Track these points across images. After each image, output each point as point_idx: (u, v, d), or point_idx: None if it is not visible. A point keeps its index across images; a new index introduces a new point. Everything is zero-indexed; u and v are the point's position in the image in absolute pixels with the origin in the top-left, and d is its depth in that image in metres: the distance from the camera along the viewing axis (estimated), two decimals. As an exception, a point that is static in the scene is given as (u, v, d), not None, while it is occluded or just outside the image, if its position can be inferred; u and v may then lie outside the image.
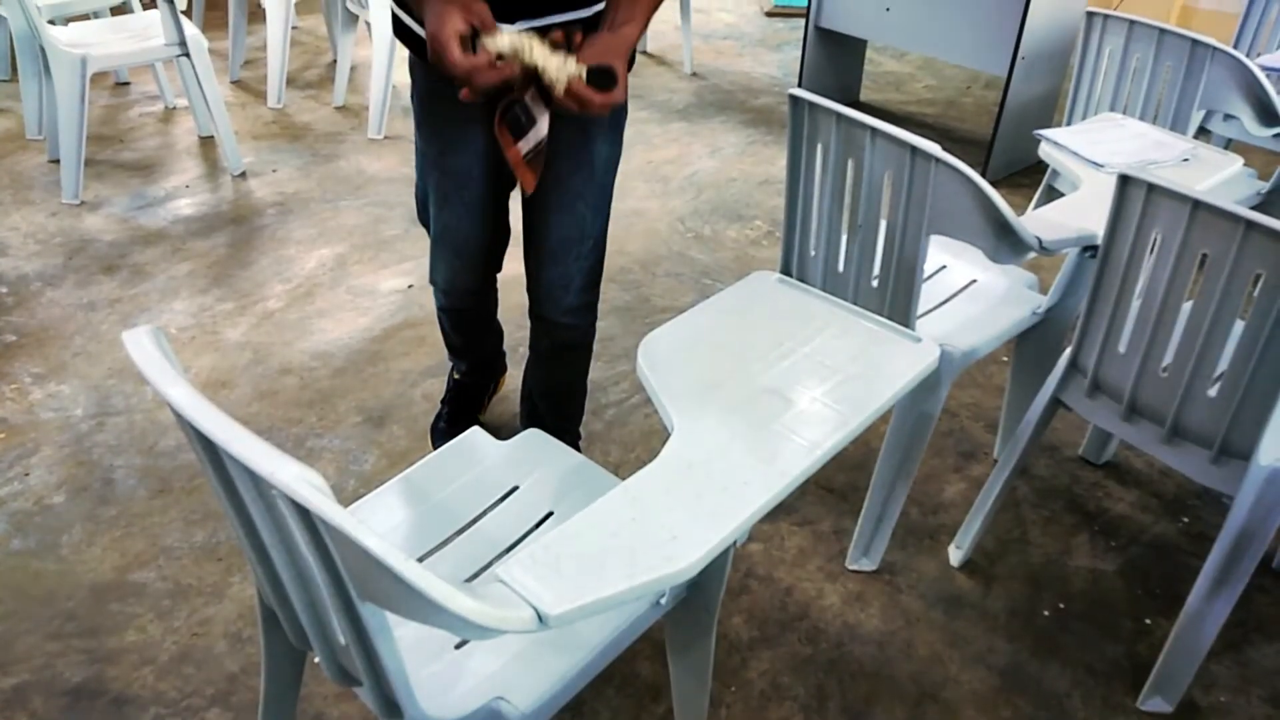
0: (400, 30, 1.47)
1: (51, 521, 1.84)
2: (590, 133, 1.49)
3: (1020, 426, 1.68)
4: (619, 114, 1.54)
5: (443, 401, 2.07)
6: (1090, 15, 2.29)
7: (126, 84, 3.87)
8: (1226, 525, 1.42)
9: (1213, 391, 1.39)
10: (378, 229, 2.90)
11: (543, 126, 1.27)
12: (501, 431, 1.79)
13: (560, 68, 1.17)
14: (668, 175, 3.33)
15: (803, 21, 3.77)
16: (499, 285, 1.83)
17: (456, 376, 2.03)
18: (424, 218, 1.68)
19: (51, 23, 2.91)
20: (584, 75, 1.18)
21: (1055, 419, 1.65)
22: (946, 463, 2.08)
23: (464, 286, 1.74)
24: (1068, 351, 1.59)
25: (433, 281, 1.73)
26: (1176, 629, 1.51)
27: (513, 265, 1.74)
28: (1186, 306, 1.37)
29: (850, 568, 1.80)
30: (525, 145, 1.28)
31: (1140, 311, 1.43)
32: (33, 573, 1.73)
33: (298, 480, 0.76)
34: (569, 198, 1.54)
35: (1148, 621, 1.72)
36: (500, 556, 1.22)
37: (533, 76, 1.19)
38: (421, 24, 1.41)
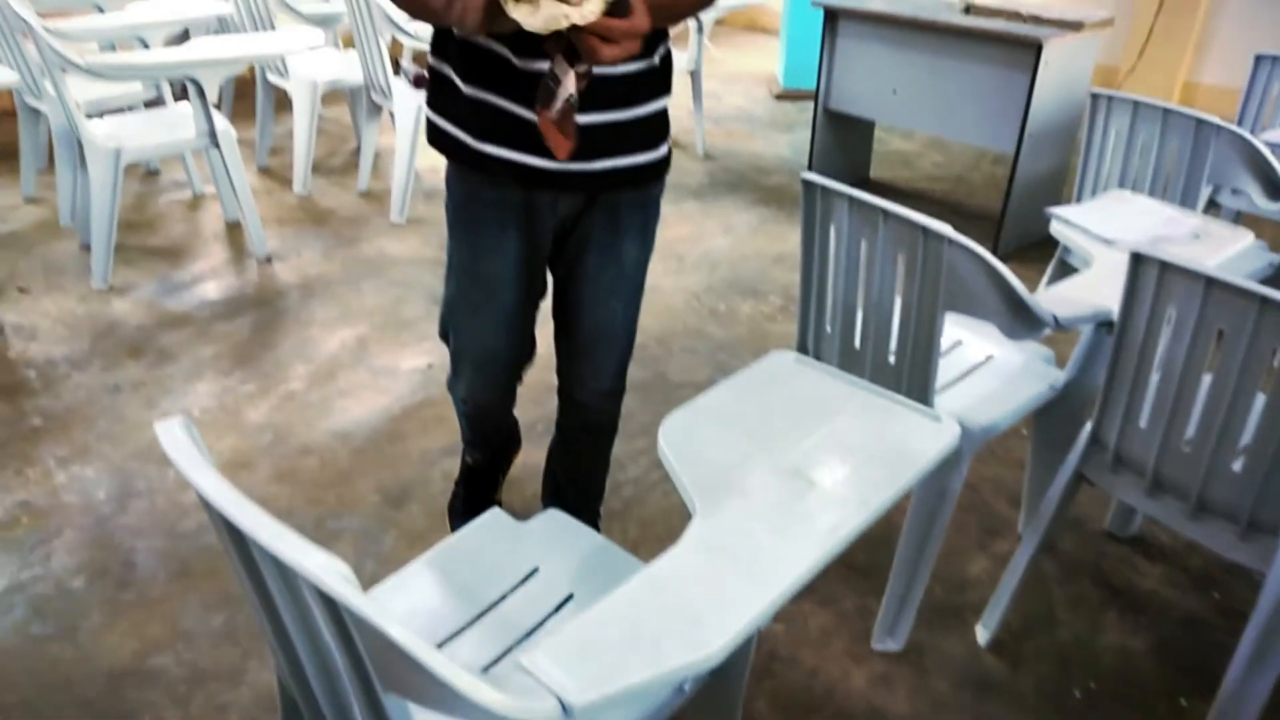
0: (437, 138, 1.47)
1: (71, 606, 1.84)
2: (622, 231, 1.51)
3: (1044, 502, 1.66)
4: (651, 215, 1.56)
5: (457, 482, 2.07)
6: (1095, 96, 2.34)
7: (156, 172, 4.00)
8: (1260, 602, 1.39)
9: (1237, 465, 1.38)
10: (398, 309, 2.95)
11: (569, 84, 1.23)
12: (520, 509, 1.79)
13: (585, 14, 1.13)
14: (683, 253, 3.38)
15: (811, 104, 3.87)
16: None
17: (469, 461, 2.03)
18: (447, 332, 1.66)
19: (89, 116, 3.03)
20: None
21: (1079, 492, 1.64)
22: (970, 539, 2.05)
23: (485, 401, 1.72)
24: (1089, 426, 1.59)
25: (451, 390, 1.73)
26: (1214, 710, 1.47)
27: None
28: (1207, 379, 1.38)
29: (876, 648, 1.77)
30: (551, 111, 1.23)
31: (1160, 386, 1.43)
32: (50, 658, 1.72)
33: (324, 569, 0.76)
34: (601, 293, 1.55)
35: (1183, 702, 1.67)
36: (521, 641, 1.21)
37: (557, 33, 1.17)
38: (458, 125, 1.43)
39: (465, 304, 1.58)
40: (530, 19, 1.14)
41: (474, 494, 2.03)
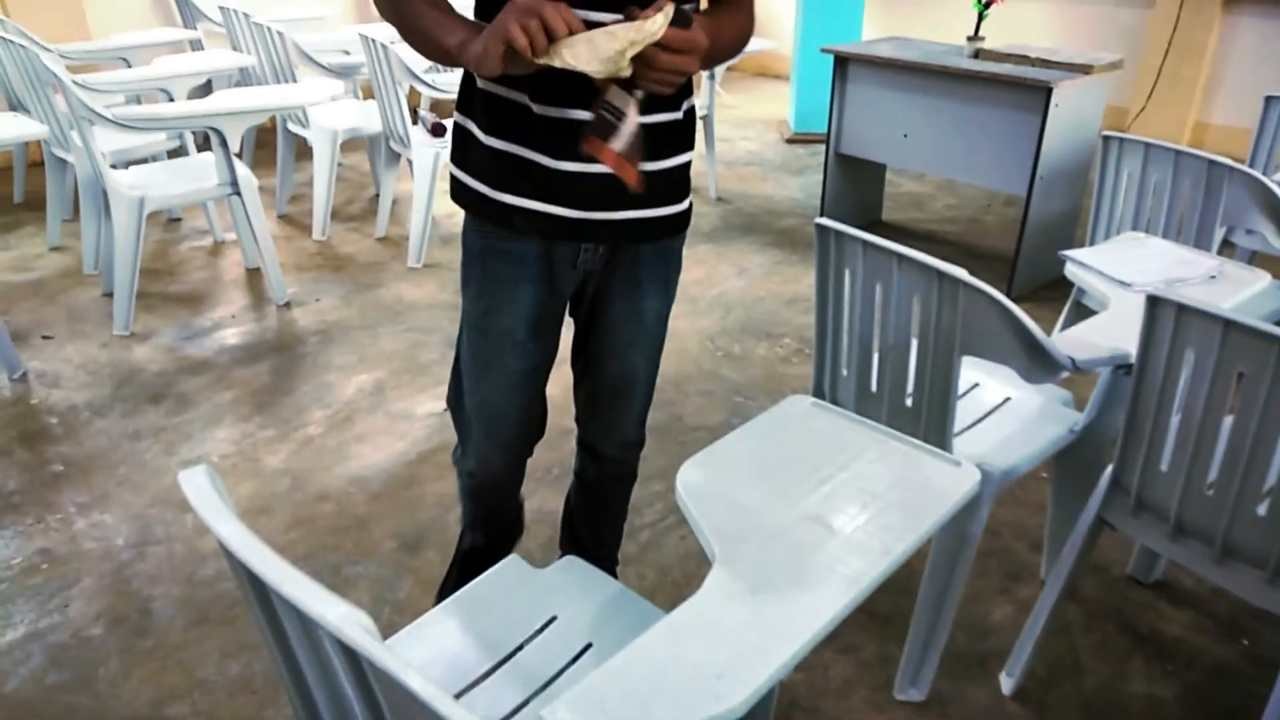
0: (458, 192, 1.46)
1: (88, 654, 1.83)
2: (643, 285, 1.50)
3: (1065, 547, 1.65)
4: (672, 268, 1.55)
5: (451, 565, 1.92)
6: (1106, 139, 2.36)
7: (178, 220, 4.06)
8: (1290, 651, 1.37)
9: (1262, 509, 1.36)
10: (415, 354, 2.97)
11: (633, 116, 1.17)
12: (537, 555, 1.78)
13: (651, 31, 1.09)
14: (696, 295, 3.40)
15: (822, 147, 3.91)
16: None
17: (466, 545, 1.86)
18: (456, 400, 1.62)
19: (114, 166, 3.09)
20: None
21: (1101, 536, 1.62)
22: (991, 584, 2.03)
23: (494, 472, 1.66)
24: (1109, 470, 1.57)
25: (458, 464, 1.69)
26: (1247, 763, 1.43)
27: (550, 387, 1.76)
28: (1228, 421, 1.36)
29: (898, 698, 1.74)
30: (618, 143, 1.18)
31: (1180, 429, 1.42)
32: (66, 707, 1.72)
33: (346, 621, 0.76)
34: (621, 346, 1.54)
35: (1216, 754, 1.63)
36: (540, 691, 1.20)
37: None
38: (477, 177, 1.44)
39: (475, 365, 1.53)
40: (589, 63, 1.10)
41: (468, 579, 1.90)
